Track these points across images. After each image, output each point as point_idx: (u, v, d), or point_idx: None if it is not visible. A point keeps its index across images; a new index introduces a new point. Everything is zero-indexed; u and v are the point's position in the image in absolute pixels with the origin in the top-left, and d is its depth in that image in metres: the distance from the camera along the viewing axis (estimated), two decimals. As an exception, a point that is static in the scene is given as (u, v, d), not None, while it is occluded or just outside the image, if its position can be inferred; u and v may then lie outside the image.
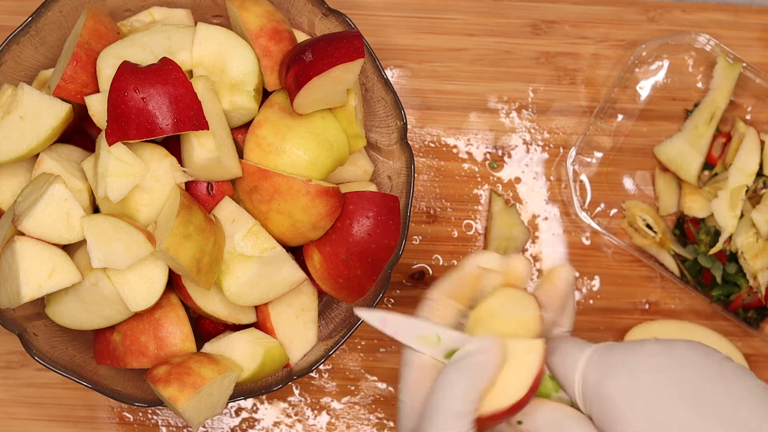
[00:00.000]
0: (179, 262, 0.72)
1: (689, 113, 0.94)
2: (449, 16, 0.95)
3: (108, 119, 0.73)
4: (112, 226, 0.73)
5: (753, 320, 0.91)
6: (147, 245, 0.73)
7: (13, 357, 0.90)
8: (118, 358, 0.79)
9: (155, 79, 0.72)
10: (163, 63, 0.73)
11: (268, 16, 0.79)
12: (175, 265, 0.74)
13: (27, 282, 0.72)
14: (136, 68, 0.73)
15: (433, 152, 0.94)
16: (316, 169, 0.77)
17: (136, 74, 0.72)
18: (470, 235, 0.93)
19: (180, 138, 0.76)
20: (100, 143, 0.74)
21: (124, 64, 0.73)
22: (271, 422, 0.90)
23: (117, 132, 0.72)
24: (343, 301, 0.82)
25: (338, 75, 0.75)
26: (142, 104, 0.72)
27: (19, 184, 0.78)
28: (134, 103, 0.72)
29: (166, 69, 0.73)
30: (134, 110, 0.72)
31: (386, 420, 0.91)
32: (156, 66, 0.73)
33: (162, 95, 0.72)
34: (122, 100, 0.72)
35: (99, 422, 0.90)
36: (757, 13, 0.96)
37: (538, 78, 0.95)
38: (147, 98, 0.72)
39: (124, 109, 0.72)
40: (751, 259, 0.88)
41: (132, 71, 0.72)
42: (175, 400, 0.73)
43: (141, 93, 0.72)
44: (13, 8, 0.92)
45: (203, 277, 0.74)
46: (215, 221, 0.76)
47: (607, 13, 0.96)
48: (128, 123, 0.72)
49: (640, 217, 0.92)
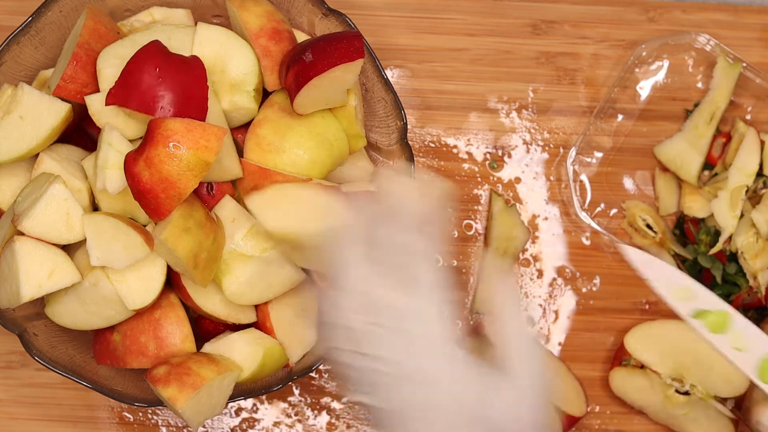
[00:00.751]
0: (177, 255, 0.72)
1: (689, 113, 0.94)
2: (449, 16, 0.95)
3: (117, 82, 0.73)
4: (112, 226, 0.73)
5: (753, 320, 0.91)
6: (145, 247, 0.73)
7: (13, 357, 0.90)
8: (118, 358, 0.79)
9: (178, 68, 0.73)
10: (193, 59, 0.74)
11: (268, 16, 0.79)
12: (173, 259, 0.74)
13: (27, 282, 0.72)
14: (167, 51, 0.74)
15: (433, 152, 0.94)
16: (315, 169, 0.77)
17: (163, 55, 0.73)
18: (470, 235, 0.93)
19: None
20: (102, 137, 0.74)
21: (156, 42, 0.74)
22: (271, 422, 0.90)
23: (120, 97, 0.73)
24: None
25: (338, 75, 0.75)
26: (155, 82, 0.72)
27: (18, 184, 0.78)
28: (149, 78, 0.72)
29: (192, 64, 0.74)
30: (145, 84, 0.72)
31: (386, 420, 0.91)
32: (184, 58, 0.74)
33: (177, 84, 0.72)
34: (139, 70, 0.72)
35: (99, 422, 0.90)
36: (757, 13, 0.96)
37: (538, 78, 0.95)
38: (162, 80, 0.72)
39: (136, 79, 0.72)
40: (751, 259, 0.88)
41: (161, 51, 0.73)
42: (174, 401, 0.73)
43: (159, 72, 0.72)
44: (13, 8, 0.92)
45: (200, 273, 0.74)
46: (216, 220, 0.76)
47: (607, 13, 0.96)
48: (133, 93, 0.72)
49: (640, 217, 0.92)
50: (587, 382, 0.92)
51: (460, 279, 0.92)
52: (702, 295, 0.71)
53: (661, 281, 0.70)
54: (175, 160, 0.70)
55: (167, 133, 0.70)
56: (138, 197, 0.72)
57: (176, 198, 0.71)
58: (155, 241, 0.74)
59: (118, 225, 0.73)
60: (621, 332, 0.92)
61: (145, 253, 0.73)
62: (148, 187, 0.70)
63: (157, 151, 0.70)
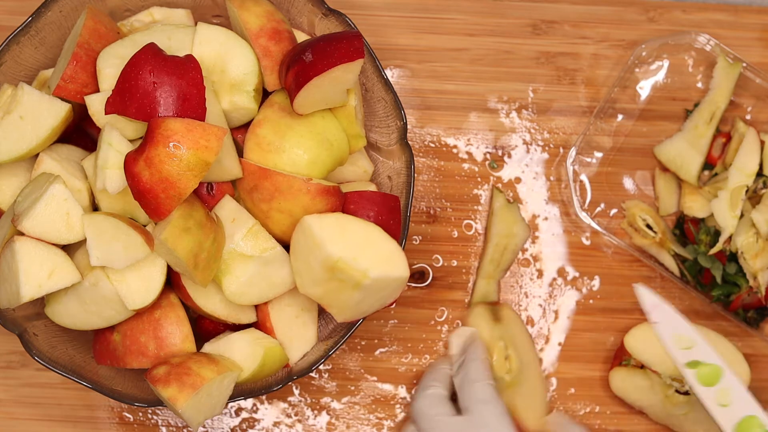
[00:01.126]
0: (177, 255, 0.72)
1: (689, 113, 0.94)
2: (449, 16, 0.95)
3: (114, 90, 0.73)
4: (112, 226, 0.73)
5: (753, 320, 0.91)
6: (145, 247, 0.73)
7: (13, 357, 0.90)
8: (118, 358, 0.79)
9: (172, 70, 0.72)
10: (187, 59, 0.74)
11: (268, 16, 0.79)
12: (172, 259, 0.74)
13: (27, 282, 0.72)
14: (160, 53, 0.73)
15: (433, 152, 0.94)
16: (315, 168, 0.77)
17: (157, 58, 0.73)
18: (470, 235, 0.93)
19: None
20: (102, 137, 0.74)
21: (150, 45, 0.74)
22: (271, 422, 0.90)
23: (118, 105, 0.72)
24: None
25: (338, 75, 0.75)
26: (151, 88, 0.72)
27: (18, 184, 0.78)
28: (144, 84, 0.72)
29: (186, 65, 0.73)
30: (141, 90, 0.72)
31: (386, 420, 0.91)
32: (179, 59, 0.74)
33: (173, 87, 0.72)
34: (134, 77, 0.72)
35: (99, 422, 0.90)
36: (757, 13, 0.96)
37: (538, 78, 0.95)
38: (158, 84, 0.72)
39: (132, 86, 0.72)
40: (751, 259, 0.88)
41: (154, 55, 0.73)
42: (174, 401, 0.73)
43: (154, 77, 0.72)
44: (13, 8, 0.92)
45: (200, 273, 0.74)
46: (216, 220, 0.76)
47: (607, 13, 0.96)
48: (131, 101, 0.72)
49: (640, 217, 0.92)
50: (587, 382, 0.92)
51: (460, 279, 0.93)
52: (700, 347, 0.75)
53: (665, 326, 0.74)
54: (175, 160, 0.70)
55: (167, 133, 0.70)
56: (138, 197, 0.72)
57: (176, 198, 0.71)
58: (155, 241, 0.74)
59: (118, 225, 0.73)
60: (621, 332, 0.92)
61: (146, 253, 0.73)
62: (148, 187, 0.70)
63: (157, 151, 0.70)
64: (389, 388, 0.91)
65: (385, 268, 0.74)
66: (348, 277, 0.73)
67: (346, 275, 0.73)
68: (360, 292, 0.74)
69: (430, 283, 0.92)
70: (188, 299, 0.78)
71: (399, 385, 0.91)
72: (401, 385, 0.91)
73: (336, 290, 0.75)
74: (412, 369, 0.91)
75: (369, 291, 0.74)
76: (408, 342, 0.92)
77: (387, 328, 0.92)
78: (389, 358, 0.91)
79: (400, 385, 0.91)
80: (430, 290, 0.92)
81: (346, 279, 0.73)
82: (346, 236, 0.74)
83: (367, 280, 0.73)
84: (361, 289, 0.74)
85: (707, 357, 0.75)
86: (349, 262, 0.73)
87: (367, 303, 0.76)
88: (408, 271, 0.75)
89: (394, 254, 0.75)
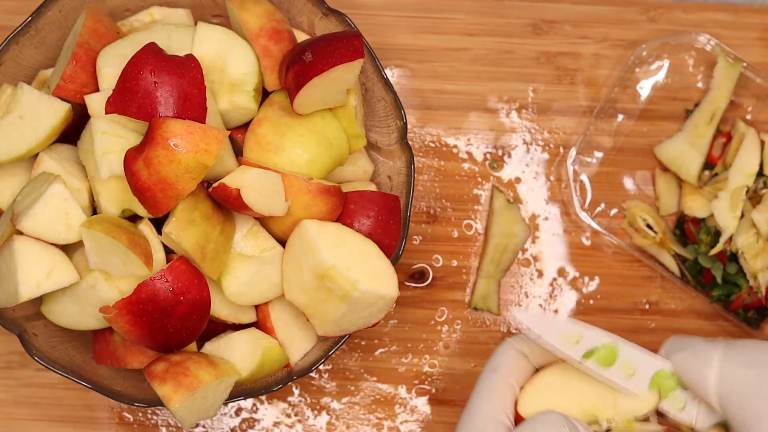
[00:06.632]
0: (183, 247, 0.72)
1: (689, 113, 0.94)
2: (449, 16, 0.95)
3: (114, 89, 0.73)
4: (111, 245, 0.72)
5: (753, 320, 0.91)
6: (144, 269, 0.73)
7: (13, 357, 0.90)
8: (118, 358, 0.79)
9: (173, 70, 0.72)
10: (187, 58, 0.74)
11: (268, 16, 0.79)
12: (180, 251, 0.74)
13: (25, 281, 0.72)
14: (161, 53, 0.73)
15: (433, 152, 0.94)
16: (315, 168, 0.77)
17: (157, 58, 0.73)
18: (470, 235, 0.93)
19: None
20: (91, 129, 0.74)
21: (151, 44, 0.74)
22: (271, 422, 0.90)
23: (119, 105, 0.72)
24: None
25: (338, 75, 0.75)
26: (152, 88, 0.72)
27: (18, 183, 0.78)
28: (145, 83, 0.72)
29: (187, 65, 0.73)
30: (142, 90, 0.72)
31: (386, 420, 0.91)
32: (179, 58, 0.74)
33: (173, 87, 0.72)
34: (135, 76, 0.72)
35: (99, 422, 0.90)
36: (757, 13, 0.96)
37: (538, 78, 0.95)
38: (158, 84, 0.72)
39: (133, 86, 0.72)
40: (752, 260, 0.88)
41: (155, 54, 0.73)
42: (168, 399, 0.73)
43: (155, 77, 0.72)
44: (13, 8, 0.92)
45: (209, 264, 0.74)
46: (226, 212, 0.76)
47: (607, 13, 0.96)
48: (132, 100, 0.72)
49: (641, 217, 0.92)
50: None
51: (460, 279, 0.93)
52: (587, 335, 0.73)
53: (551, 334, 0.72)
54: (173, 162, 0.70)
55: (167, 135, 0.70)
56: (137, 194, 0.72)
57: (174, 198, 0.71)
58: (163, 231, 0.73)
59: (117, 246, 0.72)
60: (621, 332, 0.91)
61: (145, 274, 0.73)
62: (146, 185, 0.70)
63: (156, 152, 0.70)
64: (389, 388, 0.91)
65: (376, 283, 0.74)
66: (337, 287, 0.73)
67: (335, 284, 0.73)
68: (346, 304, 0.74)
69: (430, 283, 0.92)
70: (188, 299, 0.78)
71: (399, 385, 0.91)
72: (401, 385, 0.91)
73: (322, 300, 0.75)
74: (412, 369, 0.91)
75: (355, 305, 0.74)
76: (408, 342, 0.92)
77: (387, 328, 0.92)
78: (389, 358, 0.91)
79: (400, 385, 0.91)
80: (430, 290, 0.92)
81: (335, 288, 0.73)
82: (343, 246, 0.75)
83: (356, 291, 0.73)
84: (348, 302, 0.74)
85: (597, 340, 0.73)
86: (341, 271, 0.73)
87: (350, 319, 0.76)
88: (397, 292, 0.75)
89: (386, 273, 0.75)
